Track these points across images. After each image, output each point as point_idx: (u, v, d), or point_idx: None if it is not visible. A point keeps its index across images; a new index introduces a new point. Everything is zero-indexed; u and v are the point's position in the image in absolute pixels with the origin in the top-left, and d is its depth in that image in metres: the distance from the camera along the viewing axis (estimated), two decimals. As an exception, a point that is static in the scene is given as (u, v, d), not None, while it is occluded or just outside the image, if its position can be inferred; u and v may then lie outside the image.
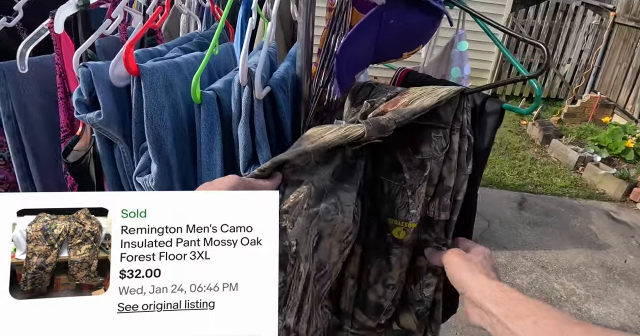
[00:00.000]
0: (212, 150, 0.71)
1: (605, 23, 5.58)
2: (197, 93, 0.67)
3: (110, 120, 0.70)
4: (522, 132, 4.94)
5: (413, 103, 0.61)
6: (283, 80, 0.78)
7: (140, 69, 0.66)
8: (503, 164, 4.12)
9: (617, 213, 3.48)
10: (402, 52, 0.74)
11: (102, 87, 0.68)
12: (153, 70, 0.68)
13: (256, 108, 0.69)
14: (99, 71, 0.68)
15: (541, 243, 2.94)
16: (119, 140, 0.74)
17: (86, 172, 0.85)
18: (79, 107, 0.70)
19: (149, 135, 0.68)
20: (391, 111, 0.61)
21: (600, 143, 4.21)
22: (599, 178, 3.84)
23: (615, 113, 5.16)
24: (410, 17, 0.67)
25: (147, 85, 0.66)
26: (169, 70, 0.72)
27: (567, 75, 5.96)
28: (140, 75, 0.66)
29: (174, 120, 0.72)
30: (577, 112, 5.19)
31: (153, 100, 0.67)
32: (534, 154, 4.42)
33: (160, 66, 0.71)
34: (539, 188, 3.77)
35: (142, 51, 0.86)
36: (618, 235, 3.19)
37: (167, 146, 0.70)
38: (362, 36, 0.67)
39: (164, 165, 0.70)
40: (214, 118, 0.70)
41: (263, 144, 0.71)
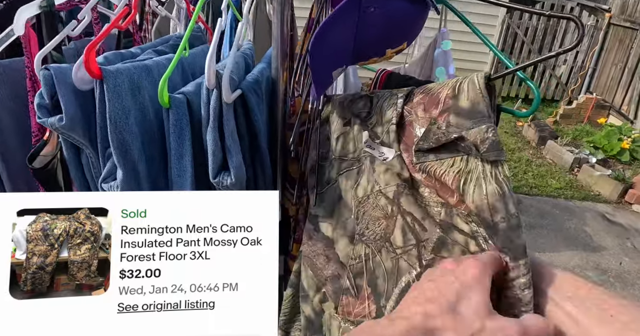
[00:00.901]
0: (182, 156, 0.69)
1: (600, 24, 5.62)
2: (164, 96, 0.65)
3: (73, 124, 0.68)
4: (518, 133, 4.96)
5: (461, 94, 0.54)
6: (256, 82, 0.76)
7: (102, 71, 0.64)
8: (499, 165, 4.13)
9: (613, 214, 3.49)
10: (386, 49, 0.68)
11: (65, 90, 0.66)
12: (117, 73, 0.66)
13: (225, 113, 0.66)
14: (61, 74, 0.66)
15: (536, 246, 2.95)
16: (85, 145, 0.72)
17: (53, 178, 0.83)
18: (40, 111, 0.68)
19: (113, 140, 0.66)
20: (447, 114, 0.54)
21: (595, 145, 4.23)
22: (594, 180, 3.86)
23: (610, 114, 5.19)
24: (393, 4, 0.62)
25: (110, 88, 0.64)
26: (136, 73, 0.70)
27: (563, 76, 6.00)
28: (103, 78, 0.64)
29: (142, 125, 0.70)
30: (573, 113, 5.22)
31: (117, 103, 0.65)
32: (529, 156, 4.44)
33: (126, 69, 0.68)
34: (534, 189, 3.79)
35: (112, 53, 0.84)
36: (613, 236, 3.20)
37: (134, 151, 0.68)
38: (339, 26, 0.62)
39: (130, 171, 0.69)
40: (183, 123, 0.68)
41: (233, 150, 0.68)
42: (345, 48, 0.66)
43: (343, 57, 0.68)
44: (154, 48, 0.92)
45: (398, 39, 0.67)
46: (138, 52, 0.89)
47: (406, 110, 0.60)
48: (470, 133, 0.52)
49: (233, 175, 0.67)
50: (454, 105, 0.54)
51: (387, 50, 0.67)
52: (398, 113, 0.60)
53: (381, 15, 0.62)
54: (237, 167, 0.68)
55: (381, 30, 0.63)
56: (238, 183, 0.67)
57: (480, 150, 0.51)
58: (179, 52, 0.68)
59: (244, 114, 0.73)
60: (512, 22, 5.60)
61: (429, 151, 0.56)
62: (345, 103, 0.69)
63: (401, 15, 0.63)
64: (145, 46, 0.94)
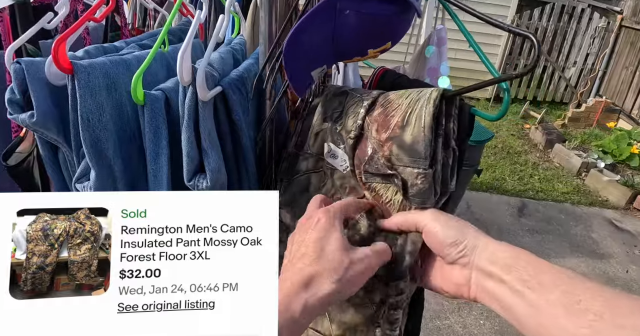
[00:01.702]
0: (158, 156, 0.66)
1: (611, 26, 5.56)
2: (137, 93, 0.62)
3: (46, 121, 0.65)
4: (525, 135, 4.93)
5: (408, 126, 0.55)
6: (240, 79, 0.72)
7: (74, 66, 0.60)
8: (504, 169, 4.10)
9: (620, 221, 3.44)
10: (367, 49, 0.67)
11: (37, 85, 0.63)
12: (90, 68, 0.62)
13: (201, 111, 0.63)
14: (34, 68, 0.63)
15: (541, 252, 2.90)
16: (60, 143, 0.69)
17: (30, 176, 0.80)
18: (11, 107, 0.65)
19: (85, 138, 0.62)
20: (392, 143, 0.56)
21: (604, 149, 4.18)
22: (602, 185, 3.81)
23: (620, 118, 5.14)
24: (367, 8, 0.60)
25: (81, 83, 0.60)
26: (112, 68, 0.66)
27: (572, 78, 5.94)
28: (74, 73, 0.60)
29: (118, 122, 0.66)
30: (582, 117, 5.17)
31: (90, 100, 0.62)
32: (536, 159, 4.40)
33: (102, 63, 0.65)
34: (540, 194, 3.75)
35: (94, 47, 0.80)
36: (620, 243, 3.15)
37: (109, 150, 0.65)
38: (316, 27, 0.61)
39: (104, 170, 0.65)
40: (159, 121, 0.64)
41: (210, 151, 0.64)
42: (323, 49, 0.65)
43: (322, 58, 0.67)
44: (138, 42, 0.88)
45: (378, 39, 0.65)
46: (122, 46, 0.86)
47: (366, 122, 0.61)
48: (405, 171, 0.55)
49: (209, 179, 0.64)
50: (399, 136, 0.56)
51: (369, 51, 0.66)
52: (358, 125, 0.61)
53: (356, 17, 0.61)
54: (214, 169, 0.64)
55: (358, 31, 0.62)
56: (216, 186, 0.64)
57: (408, 192, 0.54)
58: (156, 46, 0.65)
59: (225, 113, 0.69)
60: (522, 23, 5.56)
61: (375, 174, 0.58)
62: (328, 97, 0.68)
63: (378, 17, 0.62)
64: (130, 40, 0.90)
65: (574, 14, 5.65)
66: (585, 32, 5.72)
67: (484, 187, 3.73)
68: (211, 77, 0.65)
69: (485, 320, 2.40)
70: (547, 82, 5.95)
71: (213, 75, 0.66)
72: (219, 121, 0.68)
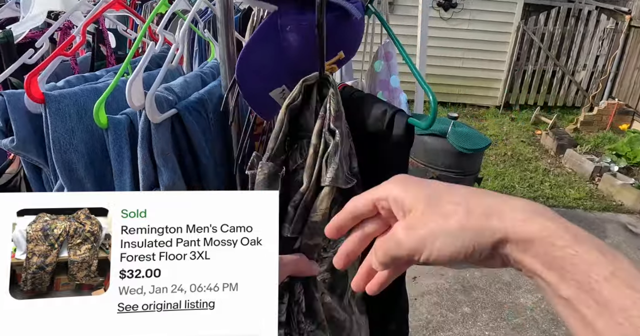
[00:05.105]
0: (122, 173, 0.73)
1: (620, 27, 5.51)
2: (100, 117, 0.69)
3: (25, 145, 0.73)
4: (536, 142, 4.87)
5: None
6: (199, 101, 0.79)
7: (45, 96, 0.69)
8: (513, 176, 4.05)
9: (635, 226, 3.36)
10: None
11: (17, 114, 0.71)
12: (60, 97, 0.71)
13: (154, 132, 0.70)
14: (14, 99, 0.71)
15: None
16: (41, 164, 0.76)
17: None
18: None
19: (57, 160, 0.70)
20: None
21: (617, 152, 4.11)
22: (616, 189, 3.74)
23: (634, 120, 5.07)
24: (306, 20, 0.60)
25: (52, 111, 0.69)
26: (82, 96, 0.74)
27: (583, 82, 5.89)
28: (45, 102, 0.69)
29: (89, 144, 0.74)
30: (595, 120, 5.11)
31: (60, 125, 0.70)
32: (547, 165, 4.34)
33: (72, 92, 0.73)
34: (550, 200, 3.69)
35: (75, 77, 0.90)
36: (635, 249, 3.08)
37: (79, 170, 0.72)
38: (262, 47, 0.63)
39: (76, 188, 0.73)
40: (122, 143, 0.72)
41: (164, 168, 0.72)
42: (275, 68, 0.66)
43: (278, 78, 0.67)
44: (116, 70, 0.98)
45: (327, 50, 0.64)
46: (102, 74, 0.95)
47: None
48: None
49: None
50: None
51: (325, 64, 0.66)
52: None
53: (298, 31, 0.61)
54: (168, 185, 0.72)
55: (305, 45, 0.62)
56: None
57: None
58: (118, 75, 0.72)
59: (183, 133, 0.77)
60: (527, 28, 5.54)
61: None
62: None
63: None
64: (111, 68, 1.01)
65: (580, 17, 5.62)
66: (594, 34, 5.67)
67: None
68: (166, 101, 0.73)
69: (490, 331, 2.35)
70: (557, 87, 5.90)
71: (168, 98, 0.74)
72: (178, 141, 0.76)
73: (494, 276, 2.78)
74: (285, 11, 0.60)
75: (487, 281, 2.73)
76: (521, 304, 2.55)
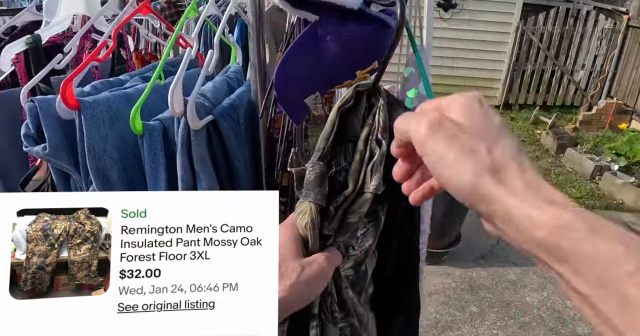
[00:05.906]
0: (157, 179, 0.72)
1: (618, 27, 5.52)
2: (136, 124, 0.68)
3: (57, 152, 0.71)
4: (536, 141, 4.87)
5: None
6: (232, 107, 0.78)
7: (80, 103, 0.68)
8: (515, 175, 4.05)
9: (637, 224, 3.36)
10: (355, 71, 0.68)
11: (49, 120, 0.70)
12: (95, 104, 0.69)
13: (193, 139, 0.69)
14: (46, 105, 0.69)
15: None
16: (72, 170, 0.75)
17: None
18: (26, 140, 0.72)
19: (92, 167, 0.69)
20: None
21: (617, 151, 4.11)
22: (616, 188, 3.74)
23: (633, 119, 5.07)
24: (347, 30, 0.62)
25: (87, 118, 0.68)
26: (115, 102, 0.73)
27: (582, 81, 5.89)
28: (81, 109, 0.68)
29: (122, 151, 0.73)
30: (593, 119, 5.11)
31: (95, 132, 0.69)
32: (547, 165, 4.35)
33: (105, 98, 0.72)
34: (553, 198, 3.69)
35: (100, 82, 0.89)
36: (638, 246, 3.09)
37: (112, 176, 0.71)
38: (301, 56, 0.64)
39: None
40: (157, 149, 0.70)
41: (203, 174, 0.72)
42: (312, 76, 0.67)
43: (313, 85, 0.69)
44: (141, 75, 0.97)
45: (363, 60, 0.66)
46: (127, 79, 0.94)
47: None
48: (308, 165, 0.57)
49: None
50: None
51: (357, 72, 0.68)
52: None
53: (338, 41, 0.62)
54: (205, 190, 0.70)
55: (343, 54, 0.64)
56: None
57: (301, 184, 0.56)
58: (152, 82, 0.72)
59: (218, 138, 0.76)
60: (527, 28, 5.55)
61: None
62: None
63: (359, 38, 0.64)
64: (134, 73, 1.00)
65: (579, 17, 5.63)
66: (592, 34, 5.68)
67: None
68: (202, 107, 0.72)
69: (498, 330, 2.35)
70: (556, 86, 5.90)
71: (204, 105, 0.73)
72: (212, 146, 0.75)
73: (500, 275, 2.80)
74: (326, 21, 0.61)
75: (493, 281, 2.74)
76: (527, 303, 2.56)
